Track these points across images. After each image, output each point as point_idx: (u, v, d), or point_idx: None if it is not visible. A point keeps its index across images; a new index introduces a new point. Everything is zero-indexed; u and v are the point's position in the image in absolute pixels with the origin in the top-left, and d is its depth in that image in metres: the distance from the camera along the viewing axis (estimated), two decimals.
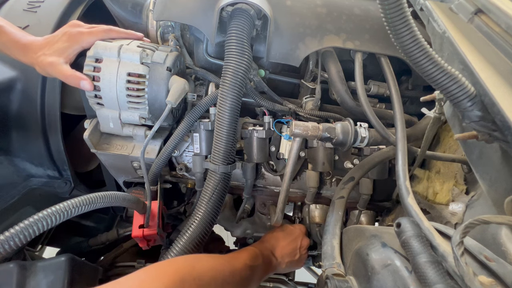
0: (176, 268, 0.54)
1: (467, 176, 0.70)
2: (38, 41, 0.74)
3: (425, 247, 0.39)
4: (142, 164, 0.75)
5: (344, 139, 0.77)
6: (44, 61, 0.71)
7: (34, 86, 0.88)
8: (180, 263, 0.57)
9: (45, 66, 0.71)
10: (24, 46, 0.73)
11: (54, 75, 0.73)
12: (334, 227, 0.69)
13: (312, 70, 0.89)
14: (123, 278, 0.48)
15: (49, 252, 1.25)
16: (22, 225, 0.51)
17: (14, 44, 0.73)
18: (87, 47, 0.75)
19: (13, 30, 0.75)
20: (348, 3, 0.84)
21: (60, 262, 0.65)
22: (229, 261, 0.66)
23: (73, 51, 0.74)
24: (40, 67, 0.72)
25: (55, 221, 0.53)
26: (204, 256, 0.63)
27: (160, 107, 0.77)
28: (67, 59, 0.73)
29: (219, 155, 0.76)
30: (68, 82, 0.72)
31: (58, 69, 0.71)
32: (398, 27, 0.43)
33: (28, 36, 0.75)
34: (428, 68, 0.45)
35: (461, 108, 0.45)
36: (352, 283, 0.48)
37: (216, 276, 0.59)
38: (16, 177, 0.96)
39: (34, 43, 0.73)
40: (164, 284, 0.48)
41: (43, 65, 0.71)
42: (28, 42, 0.73)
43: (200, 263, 0.59)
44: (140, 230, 0.81)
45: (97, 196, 0.60)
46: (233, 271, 0.65)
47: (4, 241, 0.50)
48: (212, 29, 0.75)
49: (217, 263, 0.63)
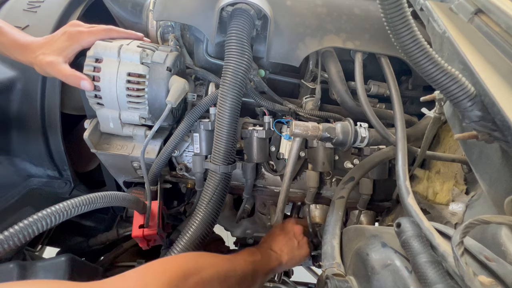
0: (180, 263, 0.55)
1: (467, 176, 0.70)
2: (37, 41, 0.73)
3: (425, 247, 0.39)
4: (142, 164, 0.75)
5: (344, 139, 0.77)
6: (43, 60, 0.71)
7: (34, 86, 0.88)
8: (183, 259, 0.59)
9: (44, 65, 0.71)
10: (23, 46, 0.73)
11: (53, 74, 0.72)
12: (334, 227, 0.69)
13: (312, 70, 0.89)
14: (128, 272, 0.49)
15: (49, 252, 1.25)
16: (22, 224, 0.51)
17: (13, 44, 0.73)
18: (86, 46, 0.75)
19: (12, 30, 0.74)
20: (348, 3, 0.84)
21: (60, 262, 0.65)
22: (229, 258, 0.67)
23: (72, 51, 0.74)
24: (39, 66, 0.72)
25: (55, 221, 0.53)
26: (205, 253, 0.64)
27: (160, 107, 0.77)
28: (67, 59, 0.73)
29: (220, 155, 0.76)
30: (68, 81, 0.72)
31: (58, 68, 0.71)
32: (398, 27, 0.43)
33: (27, 37, 0.75)
34: (428, 68, 0.45)
35: (461, 108, 0.45)
36: (352, 283, 0.48)
37: (218, 270, 0.60)
38: (16, 177, 0.96)
39: (33, 43, 0.73)
40: (168, 278, 0.49)
41: (42, 64, 0.71)
42: (27, 42, 0.73)
43: (202, 259, 0.60)
44: (140, 230, 0.81)
45: (97, 196, 0.60)
46: (234, 266, 0.66)
47: (4, 241, 0.50)
48: (212, 29, 0.75)
49: (218, 259, 0.64)
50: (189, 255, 0.63)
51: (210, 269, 0.58)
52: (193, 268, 0.55)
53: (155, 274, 0.49)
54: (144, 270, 0.50)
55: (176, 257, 0.60)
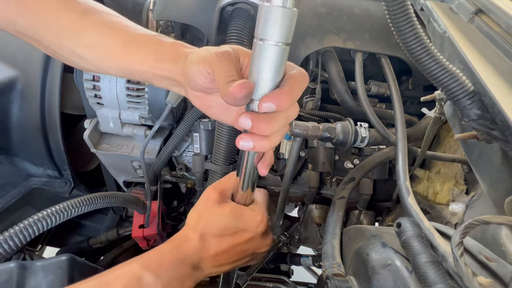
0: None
1: (467, 176, 0.70)
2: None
3: (425, 247, 0.39)
4: (142, 164, 0.75)
5: (344, 139, 0.77)
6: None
7: (34, 86, 0.88)
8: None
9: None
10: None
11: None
12: (334, 227, 0.69)
13: (313, 70, 0.89)
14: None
15: (49, 252, 1.25)
16: (22, 225, 0.51)
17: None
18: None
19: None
20: (348, 3, 0.84)
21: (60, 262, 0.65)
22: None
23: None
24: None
25: (55, 221, 0.53)
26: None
27: (160, 107, 0.77)
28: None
29: (220, 155, 0.76)
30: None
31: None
32: (400, 23, 0.44)
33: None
34: (429, 65, 0.45)
35: (460, 106, 0.45)
36: (352, 283, 0.48)
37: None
38: (16, 177, 0.96)
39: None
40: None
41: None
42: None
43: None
44: (140, 230, 0.81)
45: (97, 196, 0.60)
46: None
47: (4, 241, 0.50)
48: (212, 29, 0.75)
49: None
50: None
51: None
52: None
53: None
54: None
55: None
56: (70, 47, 0.46)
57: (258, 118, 0.39)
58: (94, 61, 0.47)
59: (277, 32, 0.34)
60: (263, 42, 0.35)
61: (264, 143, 0.40)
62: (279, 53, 0.36)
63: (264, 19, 0.34)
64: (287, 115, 0.41)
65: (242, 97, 0.37)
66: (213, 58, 0.40)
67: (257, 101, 0.39)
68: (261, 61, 0.36)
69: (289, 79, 0.39)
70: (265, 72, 0.37)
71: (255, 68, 0.37)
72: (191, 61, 0.42)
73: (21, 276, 0.60)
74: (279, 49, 0.35)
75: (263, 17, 0.34)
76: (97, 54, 0.46)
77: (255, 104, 0.39)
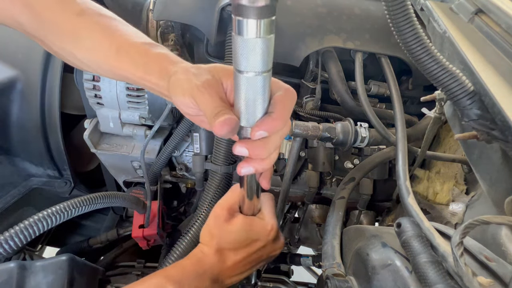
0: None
1: (467, 176, 0.70)
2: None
3: (425, 247, 0.39)
4: (142, 164, 0.75)
5: (344, 139, 0.77)
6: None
7: (34, 86, 0.88)
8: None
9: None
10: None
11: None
12: (334, 227, 0.69)
13: (313, 70, 0.89)
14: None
15: (49, 252, 1.25)
16: (22, 225, 0.51)
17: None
18: None
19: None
20: (348, 3, 0.84)
21: (60, 262, 0.65)
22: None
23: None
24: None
25: (55, 221, 0.54)
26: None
27: (160, 107, 0.77)
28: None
29: (220, 156, 0.76)
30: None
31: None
32: (400, 23, 0.44)
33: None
34: (429, 65, 0.46)
35: (460, 106, 0.45)
36: (352, 283, 0.48)
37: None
38: (16, 177, 0.96)
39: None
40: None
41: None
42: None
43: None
44: (140, 230, 0.82)
45: (97, 196, 0.60)
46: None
47: (4, 241, 0.50)
48: (212, 29, 0.75)
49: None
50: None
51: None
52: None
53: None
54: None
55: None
56: (69, 49, 0.47)
57: (253, 145, 0.39)
58: (91, 63, 0.47)
59: (256, 63, 0.33)
60: (244, 74, 0.34)
61: (264, 164, 0.41)
62: (261, 81, 0.35)
63: (240, 52, 0.32)
64: (281, 134, 0.41)
65: (227, 132, 0.37)
66: (195, 91, 0.40)
67: (248, 128, 0.38)
68: (245, 92, 0.35)
69: (277, 104, 0.38)
70: (250, 101, 0.36)
71: (240, 98, 0.36)
72: (174, 89, 0.42)
73: (21, 276, 0.60)
74: (261, 78, 0.34)
75: (240, 50, 0.32)
76: (94, 58, 0.46)
77: (247, 131, 0.39)
